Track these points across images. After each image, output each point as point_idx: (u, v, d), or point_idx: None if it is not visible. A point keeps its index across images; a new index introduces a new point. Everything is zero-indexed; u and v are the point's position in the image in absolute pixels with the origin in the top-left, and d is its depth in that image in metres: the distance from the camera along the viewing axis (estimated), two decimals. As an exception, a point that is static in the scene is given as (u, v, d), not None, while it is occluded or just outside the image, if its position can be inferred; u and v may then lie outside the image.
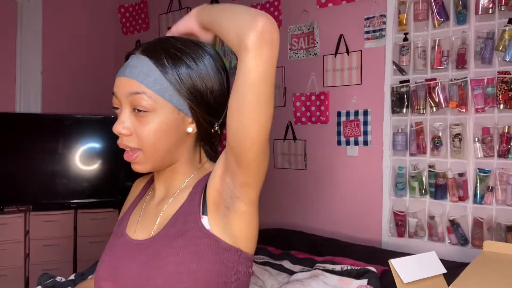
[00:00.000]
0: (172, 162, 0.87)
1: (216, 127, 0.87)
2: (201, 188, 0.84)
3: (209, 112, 0.85)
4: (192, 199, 0.83)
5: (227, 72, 0.90)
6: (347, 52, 2.56)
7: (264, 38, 0.70)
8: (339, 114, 2.60)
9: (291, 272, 2.01)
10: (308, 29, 2.73)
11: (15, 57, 3.38)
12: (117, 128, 0.81)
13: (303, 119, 2.75)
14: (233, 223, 0.80)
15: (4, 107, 3.31)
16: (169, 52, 0.81)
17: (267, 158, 0.77)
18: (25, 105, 3.43)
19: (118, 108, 0.84)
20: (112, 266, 0.84)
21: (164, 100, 0.80)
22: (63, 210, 3.16)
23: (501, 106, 2.01)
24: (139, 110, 0.80)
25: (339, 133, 2.60)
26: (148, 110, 0.79)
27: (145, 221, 0.88)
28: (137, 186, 1.04)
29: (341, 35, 2.59)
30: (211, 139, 0.89)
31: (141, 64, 0.80)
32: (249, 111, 0.71)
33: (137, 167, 0.84)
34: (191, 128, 0.84)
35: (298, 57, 2.79)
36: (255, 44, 0.70)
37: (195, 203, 0.82)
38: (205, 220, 0.80)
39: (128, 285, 0.81)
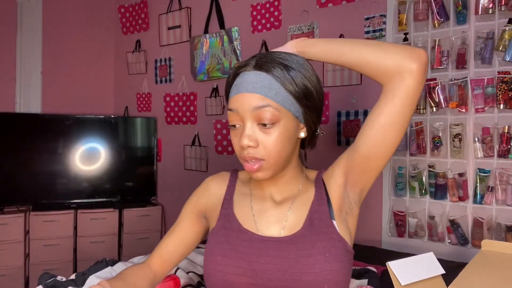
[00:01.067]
0: (286, 166, 0.95)
1: (318, 130, 0.99)
2: (323, 195, 0.94)
3: (317, 116, 0.95)
4: (320, 204, 0.93)
5: (320, 80, 0.97)
6: (347, 52, 2.55)
7: (426, 68, 0.87)
8: (339, 114, 2.60)
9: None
10: (308, 29, 2.73)
11: (15, 57, 3.39)
12: (245, 142, 0.87)
13: (303, 119, 2.75)
14: (350, 225, 0.92)
15: (4, 107, 3.31)
16: (280, 63, 0.88)
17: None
18: (25, 105, 3.43)
19: (235, 126, 0.90)
20: (245, 260, 0.88)
21: (286, 110, 0.87)
22: (63, 210, 3.16)
23: (501, 106, 2.01)
24: (264, 124, 0.86)
25: (339, 133, 2.60)
26: (273, 122, 0.86)
27: (266, 221, 0.94)
28: (216, 183, 1.08)
29: (341, 35, 2.59)
30: (313, 140, 1.00)
31: (259, 78, 0.86)
32: (400, 125, 0.86)
33: (259, 175, 0.90)
34: (303, 133, 0.94)
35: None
36: (421, 71, 0.86)
37: (325, 208, 0.92)
38: (335, 224, 0.90)
39: (270, 281, 0.85)
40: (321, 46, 0.92)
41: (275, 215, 0.94)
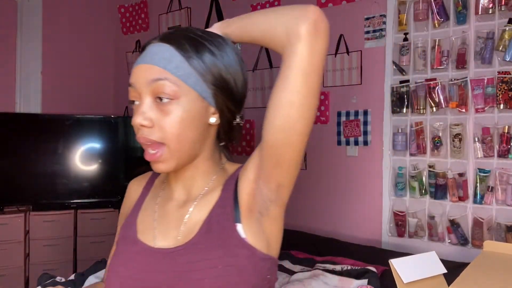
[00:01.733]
0: (194, 158, 0.80)
1: (238, 119, 0.83)
2: (231, 193, 0.78)
3: (233, 102, 0.80)
4: (224, 205, 0.78)
5: (245, 66, 0.85)
6: (347, 52, 2.56)
7: (318, 27, 0.69)
8: (339, 114, 2.60)
9: (291, 272, 2.02)
10: (308, 29, 2.73)
11: (15, 57, 3.39)
12: (137, 120, 0.74)
13: (303, 119, 2.75)
14: (266, 228, 0.77)
15: (4, 107, 3.31)
16: (191, 38, 0.77)
17: (302, 157, 0.74)
18: (25, 105, 3.43)
19: (135, 102, 0.77)
20: (132, 278, 0.77)
21: (188, 87, 0.75)
22: (63, 210, 3.16)
23: (501, 106, 2.01)
24: (162, 99, 0.74)
25: (339, 133, 2.60)
26: (171, 98, 0.73)
27: (165, 227, 0.81)
28: (135, 186, 0.95)
29: (341, 35, 2.59)
30: (231, 132, 0.84)
31: (162, 50, 0.76)
32: (299, 104, 0.69)
33: (160, 167, 0.77)
34: (214, 118, 0.79)
35: (298, 57, 2.79)
36: (310, 33, 0.69)
37: (228, 210, 0.77)
38: (239, 228, 0.75)
39: None
40: (234, 25, 0.81)
41: (175, 220, 0.80)
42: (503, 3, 2.00)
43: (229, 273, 0.72)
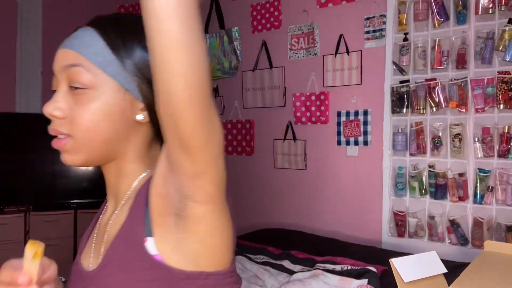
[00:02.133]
0: (115, 157, 0.69)
1: None
2: (143, 198, 0.64)
3: None
4: (134, 216, 0.65)
5: None
6: (347, 52, 2.56)
7: None
8: (339, 114, 2.60)
9: (291, 272, 2.01)
10: (308, 29, 2.73)
11: (15, 57, 3.38)
12: (48, 109, 0.65)
13: (303, 119, 2.75)
14: (191, 235, 0.60)
15: (4, 107, 3.31)
16: (118, 23, 0.68)
17: (215, 134, 0.56)
18: (25, 105, 3.43)
19: (55, 92, 0.68)
20: None
21: (107, 76, 0.65)
22: (63, 210, 3.16)
23: (501, 106, 2.01)
24: (76, 88, 0.65)
25: (339, 133, 2.60)
26: (86, 87, 0.64)
27: (96, 244, 0.72)
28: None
29: (341, 35, 2.59)
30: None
31: (84, 34, 0.67)
32: (169, 61, 0.52)
33: (66, 158, 0.67)
34: (141, 116, 0.67)
35: (298, 57, 2.79)
36: None
37: (137, 221, 0.64)
38: (150, 243, 0.61)
39: None
40: None
41: (101, 232, 0.72)
42: (503, 3, 2.00)
43: None
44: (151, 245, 0.61)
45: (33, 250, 0.61)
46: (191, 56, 0.52)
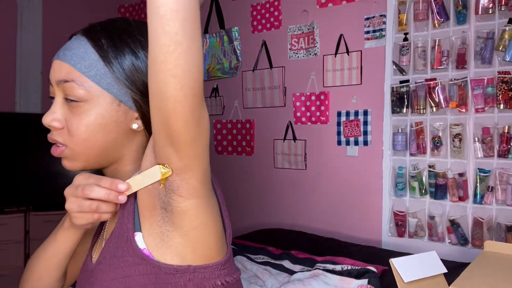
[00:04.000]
0: (113, 162, 0.73)
1: None
2: (132, 197, 0.68)
3: None
4: (123, 213, 0.68)
5: None
6: (347, 52, 2.56)
7: None
8: (339, 114, 2.60)
9: (291, 272, 2.01)
10: (308, 29, 2.73)
11: (15, 57, 3.38)
12: (46, 120, 0.69)
13: (303, 119, 2.75)
14: (176, 229, 0.63)
15: (4, 107, 3.31)
16: (112, 33, 0.69)
17: (203, 130, 0.59)
18: (25, 105, 3.43)
19: (52, 99, 0.71)
20: None
21: (101, 89, 0.67)
22: (63, 210, 3.13)
23: (501, 106, 2.01)
24: (71, 100, 0.67)
25: (339, 133, 2.60)
26: (80, 100, 0.67)
27: (100, 240, 0.76)
28: None
29: (341, 35, 2.59)
30: None
31: (77, 45, 0.68)
32: (162, 60, 0.54)
33: (66, 163, 0.72)
34: (136, 125, 0.70)
35: (298, 57, 2.79)
36: None
37: (126, 218, 0.67)
38: (139, 238, 0.64)
39: None
40: None
41: (103, 232, 0.76)
42: (503, 3, 2.00)
43: None
44: (139, 240, 0.64)
45: (161, 174, 0.61)
46: (190, 57, 0.54)
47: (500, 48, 2.00)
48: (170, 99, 0.55)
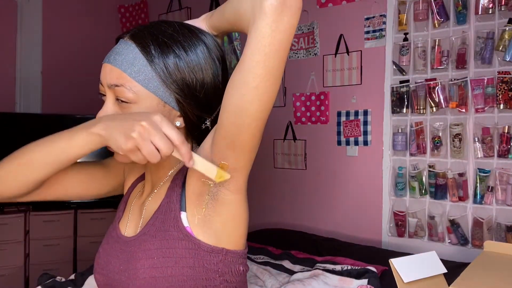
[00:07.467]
0: None
1: (208, 123, 0.80)
2: (180, 181, 0.78)
3: (198, 106, 0.77)
4: (171, 194, 0.77)
5: (225, 63, 0.82)
6: (347, 52, 2.56)
7: (285, 2, 0.59)
8: (339, 114, 2.60)
9: (291, 272, 2.01)
10: (308, 29, 2.73)
11: (15, 57, 3.38)
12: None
13: (303, 119, 2.75)
14: (217, 215, 0.73)
15: (4, 107, 3.31)
16: (158, 38, 0.75)
17: (259, 141, 0.70)
18: (25, 105, 3.43)
19: (104, 95, 0.79)
20: (103, 259, 0.83)
21: (148, 92, 0.74)
22: (63, 210, 3.16)
23: (501, 106, 2.01)
24: (122, 101, 0.75)
25: (339, 133, 2.60)
26: (130, 101, 0.74)
27: (133, 217, 0.85)
28: (129, 177, 0.99)
29: (341, 35, 2.59)
30: (200, 135, 0.81)
31: (126, 50, 0.75)
32: (254, 86, 0.62)
33: (119, 157, 0.77)
34: (178, 122, 0.78)
35: (298, 57, 2.79)
36: (275, 7, 0.59)
37: (174, 199, 0.76)
38: (184, 217, 0.74)
39: (114, 281, 0.79)
40: (215, 12, 0.77)
41: (139, 211, 0.84)
42: (503, 3, 2.00)
43: (164, 265, 0.72)
44: (184, 218, 0.74)
45: (217, 177, 0.68)
46: (276, 87, 0.64)
47: (500, 48, 2.00)
48: (250, 116, 0.64)
